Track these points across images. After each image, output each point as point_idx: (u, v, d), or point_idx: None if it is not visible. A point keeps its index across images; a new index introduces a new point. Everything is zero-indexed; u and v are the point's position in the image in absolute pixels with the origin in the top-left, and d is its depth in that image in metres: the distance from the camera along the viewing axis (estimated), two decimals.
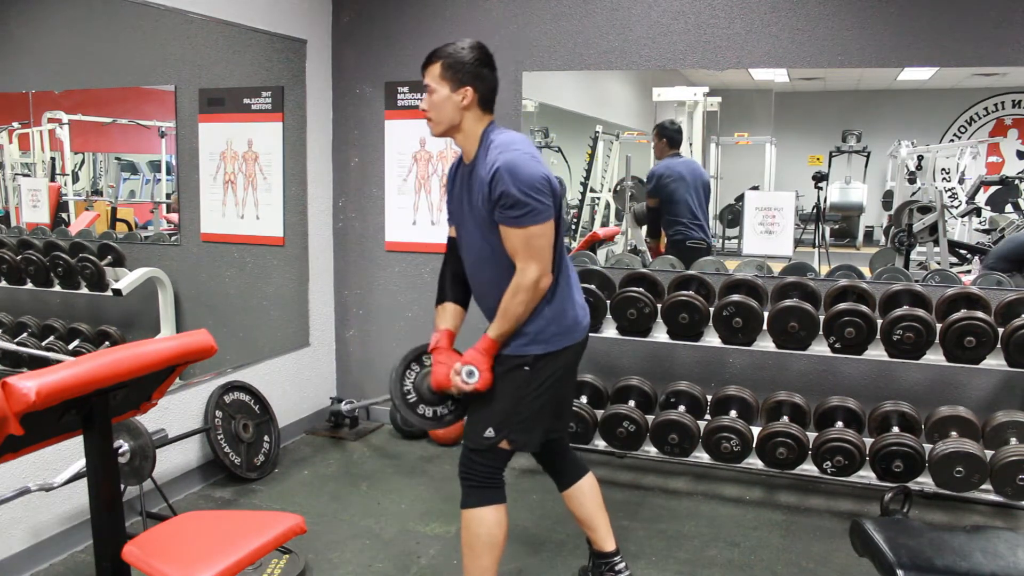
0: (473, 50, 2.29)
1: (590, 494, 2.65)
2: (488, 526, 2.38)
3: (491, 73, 2.32)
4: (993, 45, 3.39)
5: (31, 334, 3.69)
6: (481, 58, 2.29)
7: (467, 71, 2.27)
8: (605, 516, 2.67)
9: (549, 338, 2.33)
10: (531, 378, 2.34)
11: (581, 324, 2.42)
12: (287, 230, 4.19)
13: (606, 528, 2.66)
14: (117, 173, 4.21)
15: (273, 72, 4.05)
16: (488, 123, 2.33)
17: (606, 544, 2.65)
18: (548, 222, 2.22)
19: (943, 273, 3.88)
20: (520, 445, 2.43)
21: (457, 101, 2.28)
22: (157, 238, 4.29)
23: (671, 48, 3.82)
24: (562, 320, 2.34)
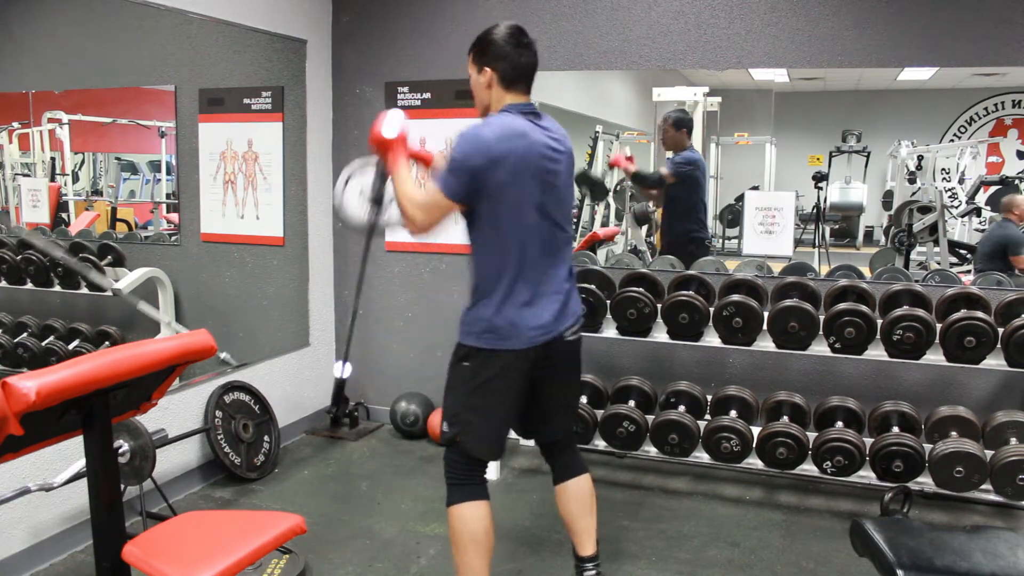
0: (498, 30, 2.32)
1: (575, 496, 2.59)
2: (467, 522, 2.38)
3: (515, 51, 2.30)
4: (993, 45, 3.39)
5: (31, 334, 3.69)
6: (505, 37, 2.30)
7: (489, 52, 2.31)
8: (588, 521, 2.59)
9: (480, 333, 2.28)
10: (470, 376, 2.32)
11: (526, 333, 2.27)
12: (287, 230, 4.19)
13: (587, 533, 2.59)
14: (117, 173, 4.22)
15: (273, 72, 4.05)
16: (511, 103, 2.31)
17: (582, 548, 2.60)
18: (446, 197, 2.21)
19: (943, 273, 3.88)
20: (469, 447, 2.38)
21: (482, 82, 2.33)
22: (157, 238, 4.29)
23: (671, 48, 3.82)
24: (497, 321, 2.26)
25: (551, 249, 2.34)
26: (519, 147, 2.23)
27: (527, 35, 2.35)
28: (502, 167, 2.20)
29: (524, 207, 2.26)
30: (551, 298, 2.34)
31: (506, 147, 2.21)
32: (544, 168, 2.29)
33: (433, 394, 4.25)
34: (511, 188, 2.22)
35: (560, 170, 2.36)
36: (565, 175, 2.40)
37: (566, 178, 2.41)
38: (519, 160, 2.22)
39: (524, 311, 2.28)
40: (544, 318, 2.31)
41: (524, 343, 2.28)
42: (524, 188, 2.24)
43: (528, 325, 2.28)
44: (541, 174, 2.28)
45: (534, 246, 2.29)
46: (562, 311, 2.37)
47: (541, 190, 2.28)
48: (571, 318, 2.42)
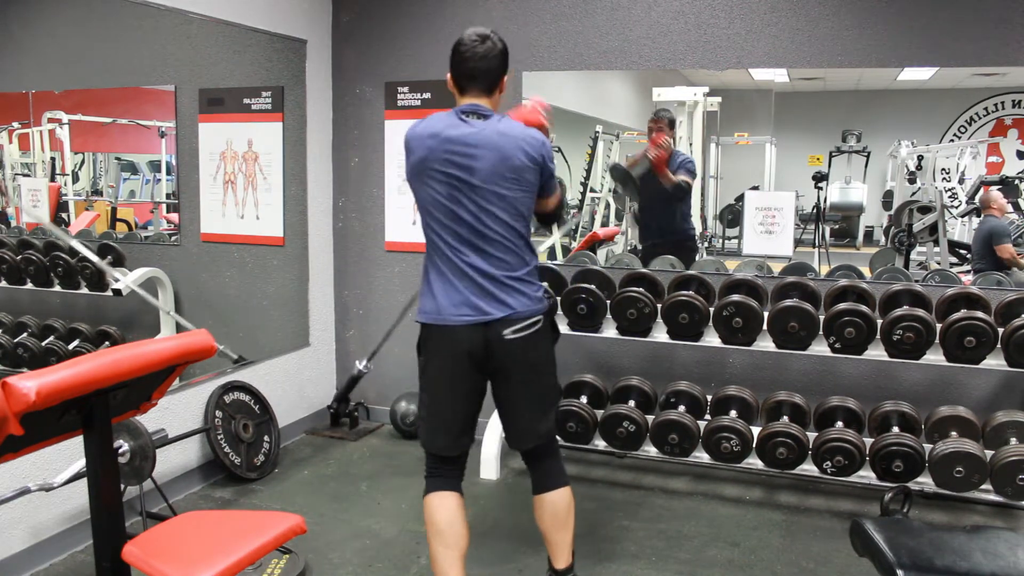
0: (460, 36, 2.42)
1: (551, 510, 2.55)
2: (431, 513, 2.46)
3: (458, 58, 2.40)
4: (993, 45, 3.39)
5: (31, 334, 3.69)
6: (459, 42, 2.41)
7: (451, 58, 2.43)
8: (563, 534, 2.56)
9: (420, 307, 2.45)
10: (421, 367, 2.51)
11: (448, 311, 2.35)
12: (287, 230, 4.19)
13: (561, 546, 2.57)
14: (117, 173, 4.22)
15: (273, 72, 4.05)
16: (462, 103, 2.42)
17: (556, 560, 2.59)
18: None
19: (943, 273, 3.88)
20: (421, 438, 2.54)
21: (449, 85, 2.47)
22: (157, 238, 4.29)
23: (671, 48, 3.82)
24: (428, 298, 2.42)
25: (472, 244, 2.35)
26: (429, 144, 2.33)
27: (481, 39, 2.37)
28: (411, 160, 2.37)
29: (435, 202, 2.35)
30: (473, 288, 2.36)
31: (417, 142, 2.35)
32: (456, 164, 2.31)
33: None
34: (421, 182, 2.36)
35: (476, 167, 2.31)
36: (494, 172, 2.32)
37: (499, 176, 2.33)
38: (428, 154, 2.33)
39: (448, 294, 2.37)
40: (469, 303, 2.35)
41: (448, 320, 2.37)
42: (433, 183, 2.34)
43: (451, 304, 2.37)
44: (453, 170, 2.31)
45: (448, 238, 2.35)
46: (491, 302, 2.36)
47: (452, 186, 2.32)
48: (506, 312, 2.36)
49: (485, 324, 2.36)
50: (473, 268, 2.35)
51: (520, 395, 2.49)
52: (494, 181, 2.33)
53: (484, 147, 2.32)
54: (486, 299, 2.36)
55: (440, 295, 2.38)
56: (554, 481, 2.57)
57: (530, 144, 2.37)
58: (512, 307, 2.38)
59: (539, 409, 2.52)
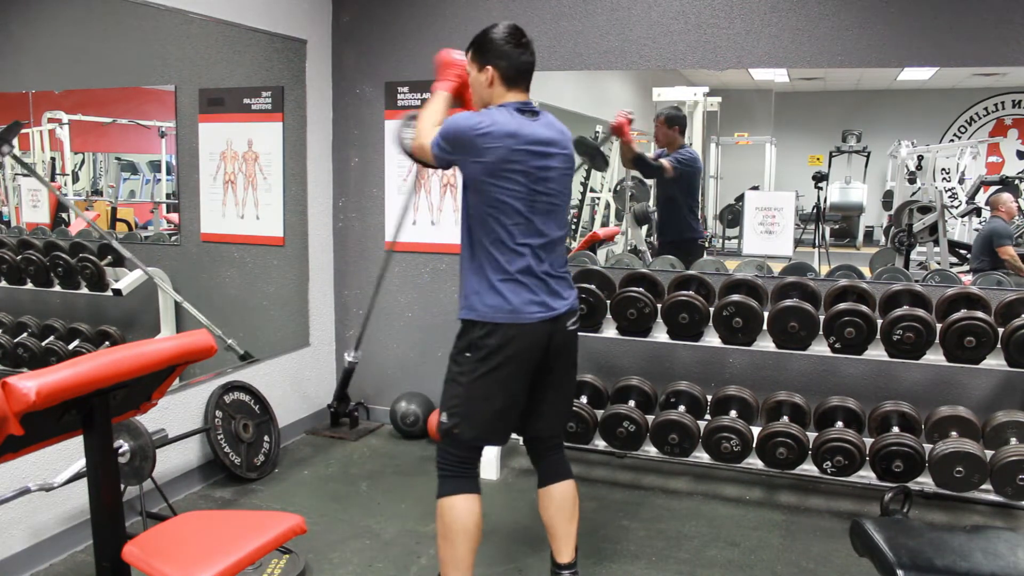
0: (499, 30, 2.38)
1: (558, 501, 2.59)
2: (460, 514, 2.41)
3: (515, 51, 2.36)
4: (993, 45, 3.39)
5: (31, 334, 3.69)
6: (506, 37, 2.36)
7: (490, 50, 2.37)
8: (568, 528, 2.59)
9: (478, 307, 2.35)
10: (465, 362, 2.38)
11: (522, 309, 2.34)
12: (287, 230, 4.19)
13: (566, 540, 2.59)
14: (117, 173, 4.22)
15: (273, 72, 4.05)
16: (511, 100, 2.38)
17: (559, 555, 2.60)
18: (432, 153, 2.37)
19: (943, 273, 3.88)
20: (465, 436, 2.43)
21: (483, 80, 2.39)
22: (157, 238, 4.29)
23: (671, 48, 3.82)
24: (492, 296, 2.34)
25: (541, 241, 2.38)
26: (509, 143, 2.28)
27: (526, 35, 2.41)
28: (484, 159, 2.27)
29: (509, 200, 2.31)
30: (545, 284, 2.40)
31: (493, 141, 2.26)
32: (533, 164, 2.32)
33: (433, 394, 4.24)
34: (498, 180, 2.29)
35: (552, 165, 2.38)
36: (560, 171, 2.42)
37: (560, 176, 2.43)
38: (508, 153, 2.27)
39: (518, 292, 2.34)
40: (540, 301, 2.38)
41: (521, 318, 2.34)
42: (511, 182, 2.30)
43: (522, 302, 2.35)
44: (530, 169, 2.32)
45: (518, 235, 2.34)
46: (555, 297, 2.42)
47: (529, 184, 2.32)
48: (567, 306, 2.46)
49: (553, 319, 2.41)
50: (540, 264, 2.39)
51: (563, 384, 2.58)
52: (562, 179, 2.43)
53: (557, 146, 2.40)
54: (552, 295, 2.42)
55: (510, 293, 2.34)
56: (561, 473, 2.62)
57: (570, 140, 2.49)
58: (569, 301, 2.49)
59: (571, 398, 2.74)
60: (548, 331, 2.41)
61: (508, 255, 2.34)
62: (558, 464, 2.64)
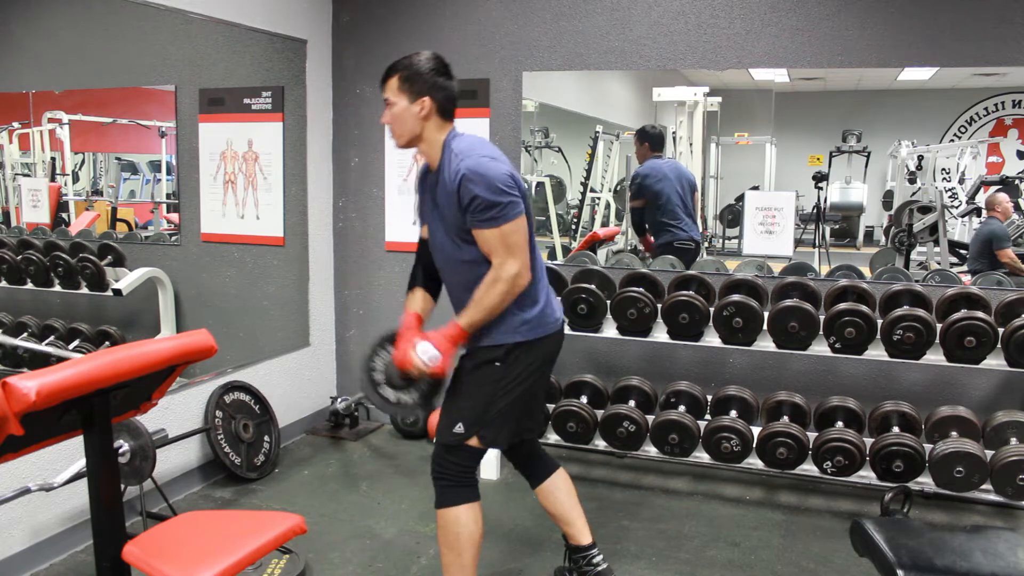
0: (429, 60, 2.31)
1: (564, 488, 2.66)
2: (466, 525, 2.40)
3: (448, 82, 2.34)
4: (993, 45, 3.39)
5: (31, 334, 3.69)
6: (437, 68, 2.32)
7: (424, 81, 2.29)
8: (580, 510, 2.68)
9: (519, 327, 2.35)
10: (503, 372, 2.36)
11: (554, 315, 2.45)
12: (287, 230, 4.19)
13: (582, 522, 2.67)
14: (117, 173, 4.22)
15: (273, 72, 4.05)
16: (449, 131, 2.35)
17: (583, 537, 2.65)
18: (520, 217, 2.26)
19: (943, 273, 3.88)
20: (490, 442, 2.43)
21: (416, 112, 2.31)
22: (157, 238, 4.29)
23: (671, 48, 3.82)
24: (533, 310, 2.36)
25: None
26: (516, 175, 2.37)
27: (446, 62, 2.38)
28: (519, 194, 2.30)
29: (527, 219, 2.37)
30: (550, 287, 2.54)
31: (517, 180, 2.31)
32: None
33: None
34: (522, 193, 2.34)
35: None
36: None
37: None
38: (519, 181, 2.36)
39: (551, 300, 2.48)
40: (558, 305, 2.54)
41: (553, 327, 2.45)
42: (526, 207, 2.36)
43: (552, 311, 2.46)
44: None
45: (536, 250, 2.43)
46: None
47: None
48: None
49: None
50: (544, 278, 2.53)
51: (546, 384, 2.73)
52: None
53: None
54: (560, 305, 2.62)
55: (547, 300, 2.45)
56: (550, 466, 2.69)
57: None
58: None
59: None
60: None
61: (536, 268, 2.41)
62: (543, 459, 2.71)
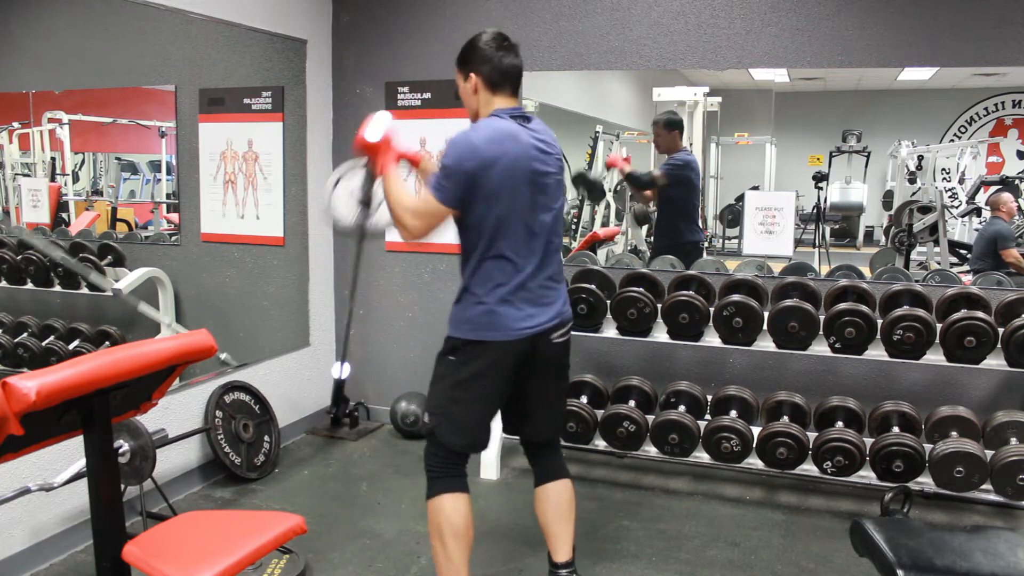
0: (482, 36, 2.34)
1: (554, 501, 2.57)
2: (447, 514, 2.39)
3: (497, 54, 2.32)
4: (993, 45, 3.39)
5: (31, 334, 3.69)
6: (488, 42, 2.33)
7: (472, 57, 2.34)
8: (565, 527, 2.57)
9: (469, 321, 2.32)
10: (455, 369, 2.36)
11: (514, 327, 2.31)
12: (287, 230, 4.19)
13: (562, 539, 2.58)
14: (117, 173, 4.22)
15: (273, 72, 4.05)
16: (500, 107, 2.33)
17: (556, 554, 2.59)
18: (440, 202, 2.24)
19: (943, 273, 3.88)
20: (448, 440, 2.40)
21: (469, 88, 2.36)
22: (157, 238, 4.29)
23: (671, 48, 3.82)
24: (475, 310, 2.31)
25: (538, 250, 2.36)
26: (510, 151, 2.25)
27: (509, 39, 2.37)
28: (493, 171, 2.23)
29: (515, 209, 2.28)
30: (537, 296, 2.37)
31: (496, 150, 2.23)
32: (534, 170, 2.31)
33: None
34: (502, 191, 2.25)
35: (550, 171, 2.37)
36: (555, 177, 2.41)
37: (556, 180, 2.41)
38: (510, 163, 2.25)
39: (510, 308, 2.31)
40: (529, 315, 2.35)
41: (510, 336, 2.32)
42: (515, 191, 2.27)
43: (514, 319, 2.31)
44: (532, 176, 2.30)
45: (522, 247, 2.31)
46: (547, 310, 2.40)
47: (532, 192, 2.31)
48: (557, 319, 2.44)
49: (540, 331, 2.38)
50: (537, 277, 2.36)
51: (548, 390, 2.56)
52: (559, 185, 2.40)
53: (552, 151, 2.37)
54: (543, 307, 2.39)
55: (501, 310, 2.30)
56: (558, 472, 2.61)
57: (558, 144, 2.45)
58: (562, 313, 2.46)
59: (561, 404, 2.74)
60: (532, 343, 2.38)
61: (503, 267, 2.30)
62: (553, 464, 2.62)
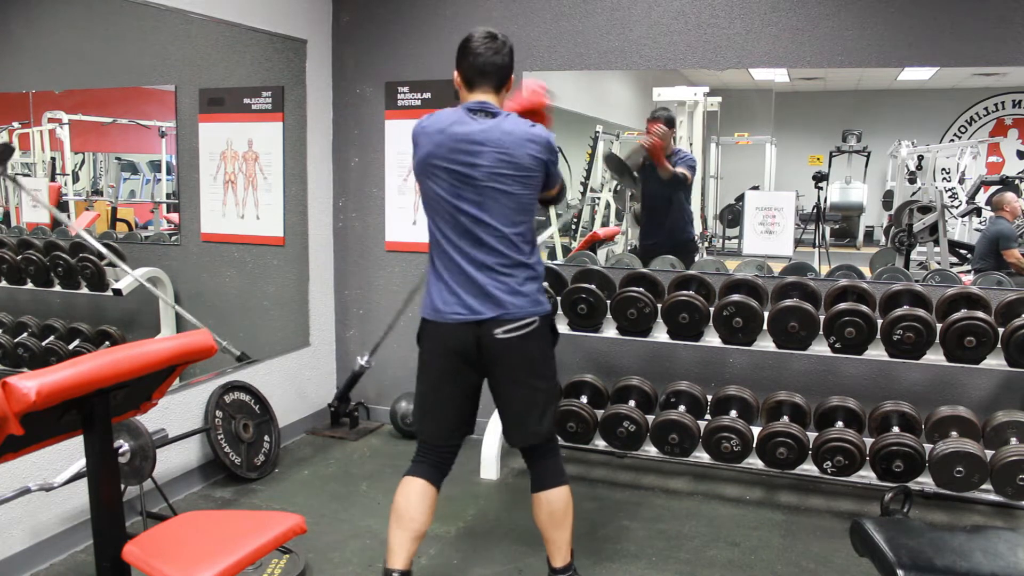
0: (471, 34, 2.44)
1: (547, 508, 2.55)
2: (398, 493, 2.53)
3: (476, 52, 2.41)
4: (993, 45, 3.39)
5: (31, 334, 3.69)
6: (474, 39, 2.42)
7: (458, 55, 2.46)
8: (560, 533, 2.55)
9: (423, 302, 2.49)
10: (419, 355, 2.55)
11: (443, 309, 2.39)
12: (287, 230, 4.19)
13: (558, 544, 2.57)
14: (117, 173, 4.22)
15: (273, 72, 4.05)
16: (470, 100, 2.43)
17: (553, 559, 2.59)
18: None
19: (943, 273, 3.88)
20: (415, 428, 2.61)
21: (456, 83, 2.49)
22: (157, 238, 4.29)
23: (671, 48, 3.82)
24: (427, 294, 2.46)
25: (472, 241, 2.37)
26: (436, 139, 2.35)
27: (497, 37, 2.43)
28: (417, 155, 2.39)
29: (438, 198, 2.37)
30: (468, 287, 2.38)
31: (425, 138, 2.37)
32: (460, 161, 2.33)
33: None
34: (426, 177, 2.38)
35: (480, 163, 2.32)
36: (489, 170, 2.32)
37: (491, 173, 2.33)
38: (434, 150, 2.35)
39: (442, 292, 2.41)
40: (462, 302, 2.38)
41: (442, 318, 2.41)
42: (437, 179, 2.36)
43: (444, 303, 2.41)
44: (456, 167, 2.34)
45: (450, 234, 2.38)
46: (484, 302, 2.36)
47: (455, 182, 2.35)
48: (498, 311, 2.36)
49: (477, 323, 2.37)
50: (471, 266, 2.37)
51: (514, 394, 2.49)
52: (497, 179, 2.34)
53: (489, 145, 2.34)
54: (480, 298, 2.37)
55: (435, 292, 2.43)
56: (552, 480, 2.56)
57: (536, 143, 2.38)
58: (505, 307, 2.37)
59: (534, 409, 2.49)
60: (473, 335, 2.37)
61: (439, 252, 2.42)
62: (548, 469, 2.57)
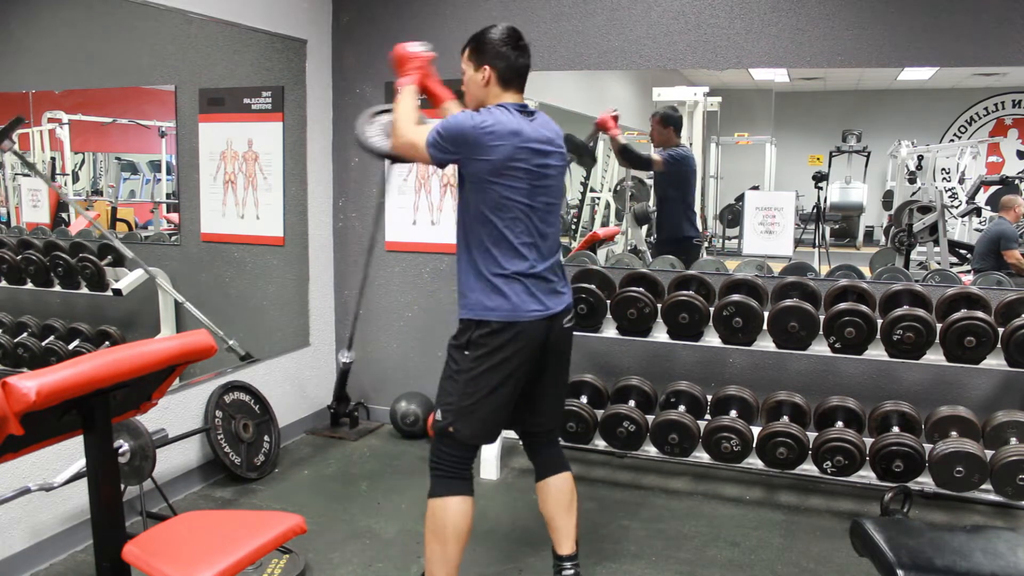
0: (498, 32, 2.42)
1: (555, 494, 2.62)
2: (453, 516, 2.41)
3: (513, 52, 2.40)
4: (993, 45, 3.39)
5: (31, 334, 3.69)
6: (504, 39, 2.40)
7: (486, 51, 2.40)
8: (567, 519, 2.62)
9: (479, 305, 2.37)
10: (466, 357, 2.39)
11: (522, 308, 2.36)
12: (287, 230, 4.19)
13: (565, 532, 2.62)
14: (117, 173, 4.22)
15: (273, 72, 4.05)
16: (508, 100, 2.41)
17: (560, 547, 2.62)
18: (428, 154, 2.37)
19: (943, 273, 3.88)
20: (462, 435, 2.42)
21: (479, 80, 2.42)
22: (157, 238, 4.29)
23: (671, 48, 3.82)
24: (494, 296, 2.35)
25: (540, 238, 2.41)
26: (514, 141, 2.31)
27: (523, 37, 2.46)
28: (490, 157, 2.30)
29: (510, 198, 2.34)
30: (539, 284, 2.42)
31: (498, 140, 2.29)
32: (535, 162, 2.36)
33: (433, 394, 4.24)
34: (499, 178, 2.32)
35: (552, 163, 2.42)
36: (557, 169, 2.46)
37: (558, 174, 2.48)
38: (514, 152, 2.31)
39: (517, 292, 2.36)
40: (538, 299, 2.40)
41: (519, 316, 2.36)
42: (515, 180, 2.33)
43: (521, 301, 2.37)
44: (532, 167, 2.35)
45: (521, 234, 2.37)
46: (552, 296, 2.45)
47: (531, 183, 2.36)
48: (563, 304, 2.49)
49: (551, 317, 2.43)
50: (541, 263, 2.42)
51: (560, 379, 2.63)
52: (559, 178, 2.47)
53: (553, 144, 2.43)
54: (549, 294, 2.44)
55: (510, 292, 2.35)
56: (557, 467, 2.65)
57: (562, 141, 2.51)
58: (566, 299, 2.52)
59: (565, 390, 2.74)
60: (545, 329, 2.43)
61: (509, 253, 2.36)
62: (554, 457, 2.68)
